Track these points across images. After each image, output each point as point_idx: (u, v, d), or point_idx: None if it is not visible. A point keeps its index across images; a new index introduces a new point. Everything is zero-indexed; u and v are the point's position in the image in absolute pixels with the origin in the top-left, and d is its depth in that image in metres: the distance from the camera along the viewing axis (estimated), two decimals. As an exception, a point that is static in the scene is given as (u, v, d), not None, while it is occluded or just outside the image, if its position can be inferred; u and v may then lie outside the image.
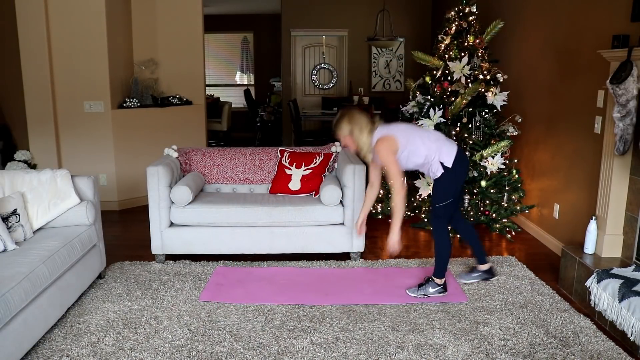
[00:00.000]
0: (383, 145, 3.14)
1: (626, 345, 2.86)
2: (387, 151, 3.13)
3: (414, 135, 3.25)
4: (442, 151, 3.23)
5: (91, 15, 5.17)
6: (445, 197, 3.28)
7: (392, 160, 3.14)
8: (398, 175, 3.15)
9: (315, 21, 9.09)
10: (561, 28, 4.32)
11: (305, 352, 2.78)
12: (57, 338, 2.92)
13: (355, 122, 3.22)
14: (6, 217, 3.11)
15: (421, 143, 3.22)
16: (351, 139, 3.25)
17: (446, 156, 3.22)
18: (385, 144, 3.14)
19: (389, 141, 3.15)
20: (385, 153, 3.13)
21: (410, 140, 3.21)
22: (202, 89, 6.26)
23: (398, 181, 3.15)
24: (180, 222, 3.97)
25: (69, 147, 5.40)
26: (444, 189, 3.28)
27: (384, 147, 3.14)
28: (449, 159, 3.21)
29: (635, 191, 3.32)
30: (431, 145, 3.23)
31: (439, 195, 3.30)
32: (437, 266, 3.41)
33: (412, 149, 3.21)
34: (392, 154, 3.14)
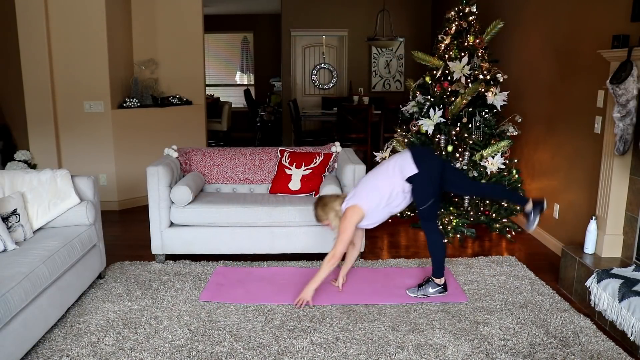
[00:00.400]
0: (347, 215, 3.28)
1: (626, 345, 2.86)
2: (347, 220, 3.26)
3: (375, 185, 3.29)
4: (403, 169, 3.26)
5: (91, 15, 5.17)
6: (426, 198, 3.29)
7: (347, 228, 3.25)
8: (345, 244, 3.26)
9: (315, 21, 9.09)
10: (561, 28, 4.32)
11: (305, 352, 2.78)
12: (57, 338, 2.92)
13: (328, 208, 3.36)
14: (6, 217, 3.11)
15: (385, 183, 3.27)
16: (330, 224, 3.38)
17: (407, 168, 3.24)
18: (349, 213, 3.27)
19: (353, 211, 3.27)
20: (345, 221, 3.27)
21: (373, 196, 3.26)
22: (202, 89, 6.26)
23: (341, 248, 3.26)
24: (180, 222, 3.97)
25: (69, 147, 5.40)
26: (422, 192, 3.29)
27: (347, 216, 3.27)
28: (411, 168, 3.23)
29: (635, 191, 3.32)
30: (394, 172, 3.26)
31: (419, 199, 3.31)
32: (435, 266, 3.42)
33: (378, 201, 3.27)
34: (350, 223, 3.26)
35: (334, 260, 3.25)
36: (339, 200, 3.39)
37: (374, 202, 3.27)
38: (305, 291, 3.31)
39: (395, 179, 3.26)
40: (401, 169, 3.25)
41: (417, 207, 3.33)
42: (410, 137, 4.84)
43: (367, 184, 3.35)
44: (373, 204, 3.27)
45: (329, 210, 3.35)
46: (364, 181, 3.41)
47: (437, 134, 4.68)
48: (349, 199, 3.34)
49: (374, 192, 3.28)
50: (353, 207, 3.27)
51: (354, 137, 7.01)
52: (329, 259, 3.25)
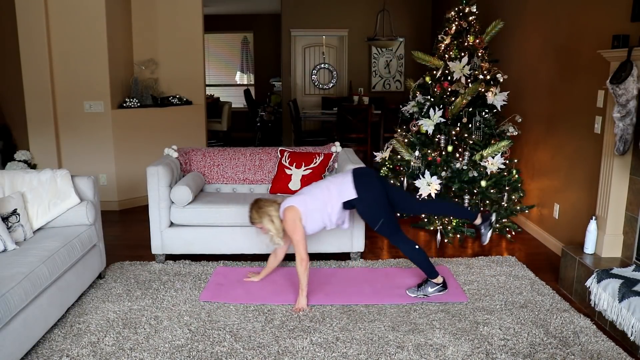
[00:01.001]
0: (287, 217, 3.30)
1: (626, 345, 2.86)
2: (290, 220, 3.29)
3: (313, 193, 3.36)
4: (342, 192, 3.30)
5: (91, 15, 5.17)
6: (374, 220, 3.33)
7: (295, 228, 3.28)
8: (302, 243, 3.28)
9: (315, 21, 9.09)
10: (561, 28, 4.32)
11: (305, 352, 2.78)
12: (57, 338, 2.92)
13: (262, 211, 3.36)
14: (6, 217, 3.11)
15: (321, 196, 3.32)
16: (263, 227, 3.39)
17: (345, 193, 3.30)
18: (288, 215, 3.30)
19: (291, 211, 3.30)
20: (290, 222, 3.29)
21: (309, 201, 3.31)
22: (202, 89, 6.26)
23: (302, 249, 3.28)
24: (180, 222, 3.97)
25: (69, 147, 5.40)
26: (368, 215, 3.37)
27: (287, 218, 3.30)
28: (349, 193, 3.29)
29: (635, 191, 3.32)
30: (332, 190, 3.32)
31: (368, 221, 3.39)
32: (424, 270, 3.43)
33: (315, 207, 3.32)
34: (294, 223, 3.28)
35: (305, 262, 3.27)
36: (274, 205, 3.39)
37: (310, 207, 3.31)
38: (299, 301, 3.31)
39: (332, 197, 3.33)
40: (339, 191, 3.32)
41: (373, 228, 3.38)
42: (410, 137, 4.84)
43: (308, 190, 3.42)
44: (309, 209, 3.31)
45: (262, 214, 3.36)
46: (306, 188, 3.49)
47: (437, 134, 4.68)
48: (287, 201, 3.37)
49: (311, 200, 3.33)
50: (289, 207, 3.31)
51: (354, 137, 7.01)
52: (299, 264, 3.28)
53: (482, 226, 3.51)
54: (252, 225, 3.47)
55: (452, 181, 4.55)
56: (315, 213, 3.34)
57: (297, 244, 3.29)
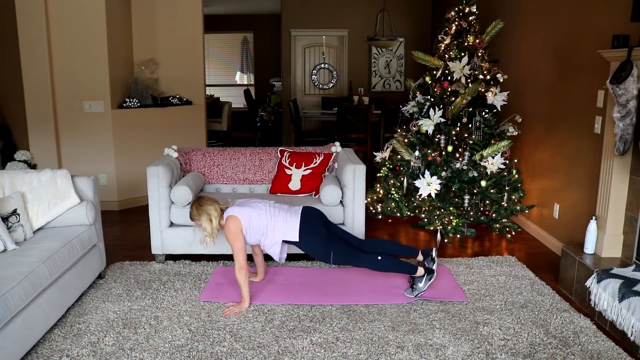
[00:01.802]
0: (228, 225, 3.29)
1: (626, 345, 2.86)
2: (230, 230, 3.27)
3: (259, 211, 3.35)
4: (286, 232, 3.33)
5: (91, 15, 5.17)
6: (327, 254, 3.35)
7: (235, 237, 3.27)
8: (242, 253, 3.27)
9: (315, 21, 9.09)
10: (561, 28, 4.32)
11: (305, 352, 2.78)
12: (57, 338, 2.92)
13: (202, 209, 3.34)
14: (6, 217, 3.11)
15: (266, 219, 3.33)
16: (200, 224, 3.37)
17: (289, 233, 3.33)
18: (230, 223, 3.28)
19: (233, 221, 3.29)
20: (228, 232, 3.28)
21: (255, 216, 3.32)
22: (202, 89, 6.26)
23: (241, 258, 3.26)
24: (180, 222, 3.97)
25: (69, 147, 5.40)
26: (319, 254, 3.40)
27: (229, 227, 3.28)
28: (293, 234, 3.32)
29: (635, 191, 3.32)
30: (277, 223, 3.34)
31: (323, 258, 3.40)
32: (401, 272, 3.45)
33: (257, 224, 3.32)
34: (235, 232, 3.27)
35: (243, 270, 3.24)
36: (215, 205, 3.37)
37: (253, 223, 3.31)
38: (243, 306, 3.29)
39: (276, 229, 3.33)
40: (284, 229, 3.33)
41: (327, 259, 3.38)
42: (410, 137, 4.84)
43: (253, 205, 3.39)
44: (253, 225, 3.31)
45: (202, 212, 3.34)
46: (252, 201, 3.47)
47: (437, 134, 4.68)
48: (232, 208, 3.35)
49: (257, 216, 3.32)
50: (233, 217, 3.30)
51: (354, 137, 7.01)
52: (239, 272, 3.25)
53: (425, 262, 3.50)
54: (192, 221, 3.45)
55: (452, 181, 4.56)
56: (255, 232, 3.34)
57: (237, 252, 3.27)
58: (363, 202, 3.99)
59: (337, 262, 3.41)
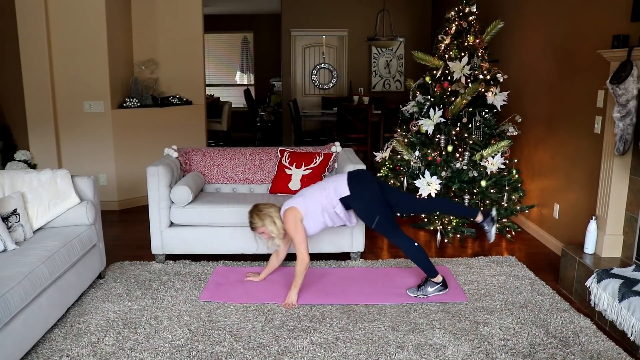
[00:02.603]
0: (287, 218, 3.34)
1: (626, 345, 2.86)
2: (290, 222, 3.32)
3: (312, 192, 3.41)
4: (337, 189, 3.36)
5: (91, 15, 5.17)
6: (371, 217, 3.35)
7: (296, 229, 3.32)
8: (303, 244, 3.32)
9: (315, 21, 9.09)
10: (561, 28, 4.32)
11: (305, 352, 2.79)
12: (57, 338, 2.92)
13: (263, 214, 3.40)
14: (6, 217, 3.11)
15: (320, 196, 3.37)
16: (265, 230, 3.41)
17: (340, 189, 3.35)
18: (289, 216, 3.34)
19: (292, 212, 3.34)
20: (291, 223, 3.33)
21: (310, 201, 3.36)
22: (202, 89, 6.26)
23: (303, 250, 3.32)
24: (180, 222, 3.97)
25: (69, 147, 5.40)
26: (363, 213, 3.40)
27: (289, 219, 3.34)
28: (343, 189, 3.34)
29: (635, 191, 3.32)
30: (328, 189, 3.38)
31: (363, 219, 3.42)
32: (424, 268, 3.43)
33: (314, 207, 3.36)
34: (295, 223, 3.32)
35: (305, 263, 3.32)
36: (274, 207, 3.44)
37: (310, 207, 3.35)
38: (290, 296, 3.35)
39: (330, 195, 3.37)
40: (335, 188, 3.37)
41: (369, 226, 3.41)
42: (410, 137, 4.84)
43: (305, 192, 3.47)
44: (309, 209, 3.35)
45: (264, 216, 3.38)
46: (304, 190, 3.54)
47: (437, 134, 4.68)
48: (286, 203, 3.41)
49: (310, 199, 3.38)
50: (290, 209, 3.34)
51: (354, 137, 7.01)
52: (300, 264, 3.31)
53: (484, 223, 3.51)
54: (254, 231, 3.48)
55: (452, 181, 4.55)
56: (316, 213, 3.36)
57: (298, 244, 3.31)
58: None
59: (378, 229, 3.38)
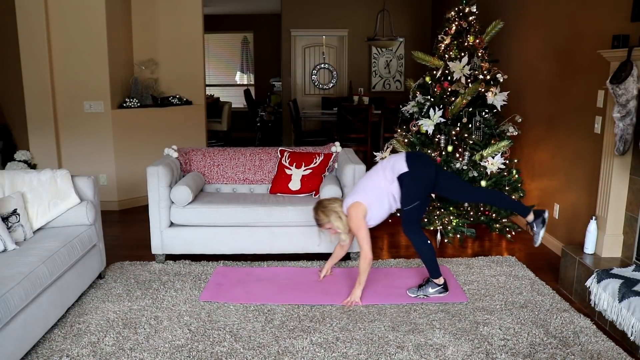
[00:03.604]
0: (352, 214, 3.33)
1: (626, 345, 2.86)
2: (355, 218, 3.31)
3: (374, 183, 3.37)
4: (395, 166, 3.33)
5: (91, 16, 5.17)
6: (410, 200, 3.32)
7: (360, 225, 3.32)
8: (366, 240, 3.31)
9: (315, 21, 9.09)
10: (561, 28, 4.32)
11: (305, 352, 2.78)
12: (57, 338, 2.92)
13: (328, 210, 3.40)
14: (6, 217, 3.11)
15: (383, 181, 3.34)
16: (332, 226, 3.41)
17: (398, 166, 3.31)
18: (354, 211, 3.33)
19: (356, 207, 3.33)
20: (355, 219, 3.32)
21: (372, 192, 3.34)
22: (202, 89, 6.26)
23: (367, 246, 3.31)
24: (180, 222, 3.97)
25: (69, 147, 5.40)
26: (408, 192, 3.33)
27: (353, 215, 3.33)
28: (401, 166, 3.30)
29: (635, 191, 3.32)
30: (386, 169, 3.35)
31: (405, 199, 3.35)
32: (428, 268, 3.42)
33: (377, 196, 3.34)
34: (359, 219, 3.31)
35: (368, 260, 3.31)
36: (338, 202, 3.45)
37: (372, 196, 3.34)
38: (354, 293, 3.37)
39: (387, 177, 3.33)
40: (393, 167, 3.33)
41: (402, 207, 3.37)
42: (410, 137, 4.84)
43: (363, 182, 3.45)
44: (372, 198, 3.34)
45: (329, 212, 3.39)
46: (360, 181, 3.52)
47: (437, 134, 4.68)
48: (347, 199, 3.40)
49: (370, 188, 3.37)
50: (354, 204, 3.33)
51: (354, 137, 7.01)
52: (363, 261, 3.32)
53: (534, 223, 3.42)
54: (320, 227, 3.48)
55: (452, 181, 4.55)
56: (380, 200, 3.34)
57: (362, 240, 3.31)
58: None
59: (407, 214, 3.33)
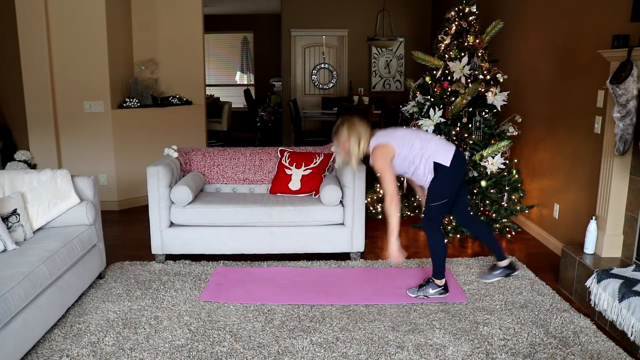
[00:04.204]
0: (379, 153, 3.19)
1: (626, 345, 2.86)
2: (382, 158, 3.18)
3: (410, 139, 3.27)
4: (438, 151, 3.24)
5: (91, 15, 5.17)
6: (439, 196, 3.25)
7: (387, 167, 3.17)
8: (392, 182, 3.17)
9: (315, 21, 9.09)
10: (561, 28, 4.32)
11: (305, 352, 2.79)
12: (57, 338, 2.92)
13: (354, 131, 3.25)
14: (6, 217, 3.11)
15: (418, 146, 3.24)
16: (346, 146, 3.28)
17: (442, 156, 3.22)
18: (381, 151, 3.19)
19: (385, 149, 3.19)
20: (381, 160, 3.18)
21: (406, 145, 3.24)
22: (202, 89, 6.26)
23: (392, 187, 3.16)
24: (180, 222, 3.97)
25: (69, 147, 5.40)
26: (439, 189, 3.26)
27: (380, 155, 3.18)
28: (446, 159, 3.22)
29: (635, 191, 3.32)
30: (428, 147, 3.25)
31: (434, 194, 3.27)
32: (435, 267, 3.41)
33: (406, 153, 3.24)
34: (386, 161, 3.17)
35: (395, 202, 3.14)
36: (368, 132, 3.25)
37: (404, 153, 3.20)
38: (391, 248, 3.23)
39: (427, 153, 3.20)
40: (436, 152, 3.20)
41: (428, 203, 3.28)
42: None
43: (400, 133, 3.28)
44: (403, 154, 3.20)
45: (353, 132, 3.21)
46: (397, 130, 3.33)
47: (437, 134, 4.68)
48: (379, 138, 3.23)
49: (407, 146, 3.22)
50: (385, 144, 3.17)
51: (354, 137, 6.99)
52: (389, 202, 3.14)
53: (501, 269, 3.47)
54: (335, 139, 3.30)
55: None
56: (405, 161, 3.23)
57: (387, 182, 3.14)
58: (363, 202, 3.99)
59: (434, 210, 3.25)
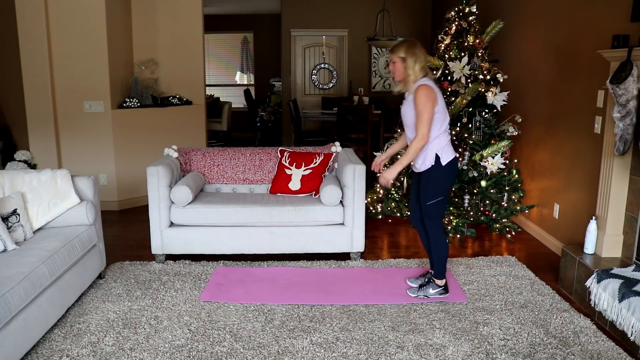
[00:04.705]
0: (426, 91, 3.10)
1: (626, 345, 2.86)
2: (427, 97, 3.10)
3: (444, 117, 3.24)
4: (445, 148, 3.23)
5: (91, 15, 5.17)
6: (435, 194, 3.25)
7: (428, 108, 3.09)
8: (428, 124, 3.10)
9: (315, 21, 9.09)
10: (561, 28, 4.32)
11: (305, 352, 2.79)
12: (57, 338, 2.92)
13: (414, 52, 3.16)
14: (6, 217, 3.11)
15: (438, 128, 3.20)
16: (402, 65, 3.18)
17: (446, 154, 3.22)
18: (428, 91, 3.11)
19: (433, 94, 3.12)
20: (424, 97, 3.10)
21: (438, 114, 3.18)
22: (202, 89, 6.25)
23: (426, 130, 3.10)
24: (180, 222, 3.97)
25: (69, 147, 5.40)
26: (435, 185, 3.26)
27: (426, 93, 3.10)
28: (447, 157, 3.22)
29: (635, 191, 3.32)
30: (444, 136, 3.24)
31: (430, 192, 3.26)
32: (436, 267, 3.40)
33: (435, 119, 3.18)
34: (429, 102, 3.09)
35: (422, 143, 3.13)
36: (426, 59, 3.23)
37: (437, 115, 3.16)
38: (390, 171, 3.25)
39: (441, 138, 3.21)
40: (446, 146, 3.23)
41: (425, 202, 3.27)
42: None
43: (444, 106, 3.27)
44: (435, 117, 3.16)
45: (412, 54, 3.13)
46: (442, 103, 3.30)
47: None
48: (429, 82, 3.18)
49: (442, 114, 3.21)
50: (434, 91, 3.12)
51: (354, 137, 7.01)
52: (418, 142, 3.12)
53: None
54: (392, 55, 3.21)
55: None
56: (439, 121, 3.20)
57: (424, 122, 3.08)
58: (363, 202, 3.99)
59: (431, 208, 3.26)
